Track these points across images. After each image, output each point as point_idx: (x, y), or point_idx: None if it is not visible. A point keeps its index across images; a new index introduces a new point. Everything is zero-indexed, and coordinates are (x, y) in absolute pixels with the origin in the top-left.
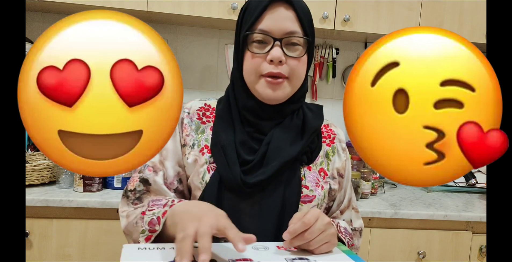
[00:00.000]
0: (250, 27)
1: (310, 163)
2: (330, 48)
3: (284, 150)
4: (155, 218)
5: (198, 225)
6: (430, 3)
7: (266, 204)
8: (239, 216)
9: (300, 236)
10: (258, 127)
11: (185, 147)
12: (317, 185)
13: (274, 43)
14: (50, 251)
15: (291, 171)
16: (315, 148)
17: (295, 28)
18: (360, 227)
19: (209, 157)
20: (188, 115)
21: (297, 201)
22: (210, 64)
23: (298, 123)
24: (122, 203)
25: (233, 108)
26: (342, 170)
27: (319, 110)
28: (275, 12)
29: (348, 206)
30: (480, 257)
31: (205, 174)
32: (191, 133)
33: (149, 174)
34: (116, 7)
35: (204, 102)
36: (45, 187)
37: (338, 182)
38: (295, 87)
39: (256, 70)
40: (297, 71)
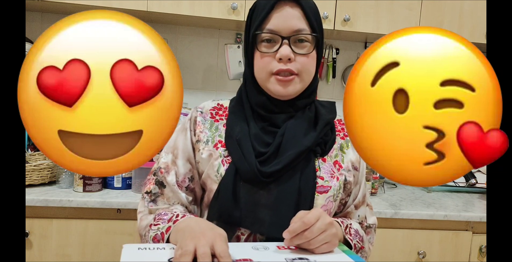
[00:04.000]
0: (258, 27)
1: (324, 154)
2: (330, 48)
3: (299, 140)
4: (159, 234)
5: (197, 243)
6: (430, 3)
7: (282, 194)
8: (255, 207)
9: (300, 235)
10: (272, 121)
11: (199, 143)
12: (332, 176)
13: (282, 41)
14: (50, 251)
15: (306, 161)
16: (329, 140)
17: (302, 25)
18: (374, 224)
19: (223, 151)
20: (201, 114)
21: (312, 191)
22: (210, 64)
23: (311, 115)
24: (140, 204)
25: (246, 105)
26: (356, 163)
27: (331, 106)
28: (281, 11)
29: (363, 202)
30: (480, 257)
31: (220, 167)
32: (204, 130)
33: (162, 176)
34: (116, 7)
35: (217, 103)
36: (45, 187)
37: (353, 175)
38: (305, 82)
39: (266, 69)
40: (307, 67)
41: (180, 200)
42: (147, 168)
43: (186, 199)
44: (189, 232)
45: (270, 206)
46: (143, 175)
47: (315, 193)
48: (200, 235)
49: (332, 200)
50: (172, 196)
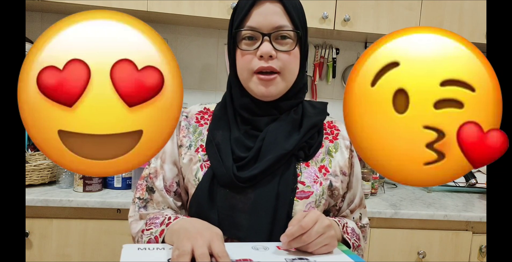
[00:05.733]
0: (239, 25)
1: (308, 159)
2: (330, 48)
3: (279, 144)
4: (152, 238)
5: (194, 243)
6: (430, 3)
7: (259, 199)
8: (232, 212)
9: (298, 239)
10: (254, 124)
11: (181, 148)
12: (315, 181)
13: (263, 38)
14: (50, 251)
15: (286, 166)
16: (314, 143)
17: (283, 22)
18: (367, 223)
19: (203, 155)
20: (186, 118)
21: (291, 196)
22: (210, 64)
23: (296, 118)
24: (131, 209)
25: (229, 108)
26: (345, 168)
27: (323, 106)
28: (262, 7)
29: (359, 205)
30: (480, 257)
31: (198, 171)
32: (188, 135)
33: (151, 181)
34: (116, 7)
35: (204, 107)
36: (45, 187)
37: (341, 180)
38: (289, 82)
39: (248, 67)
40: (289, 65)
41: (169, 204)
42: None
43: (175, 204)
44: (185, 233)
45: (247, 211)
46: None
47: (295, 199)
48: (197, 235)
49: (313, 205)
50: (162, 201)
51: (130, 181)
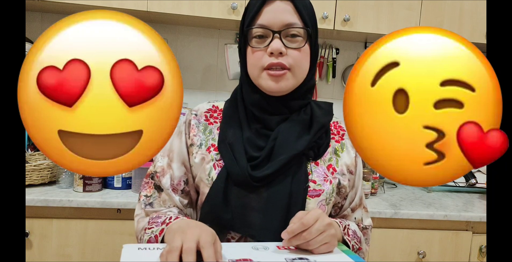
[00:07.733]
0: (250, 23)
1: (317, 158)
2: (330, 48)
3: (291, 144)
4: (153, 237)
5: (184, 238)
6: (430, 3)
7: (272, 198)
8: (246, 211)
9: (299, 236)
10: (265, 123)
11: (192, 147)
12: (325, 179)
13: (273, 36)
14: (50, 251)
15: (297, 165)
16: (323, 143)
17: (293, 20)
18: (370, 225)
19: (215, 154)
20: (196, 116)
21: (304, 195)
22: (210, 64)
23: (306, 118)
24: (137, 207)
25: (240, 106)
26: (352, 167)
27: (328, 107)
28: (272, 5)
29: (359, 204)
30: (480, 257)
31: (211, 171)
32: (198, 134)
33: (158, 179)
34: (116, 7)
35: (212, 104)
36: (45, 187)
37: (348, 179)
38: (299, 78)
39: (258, 64)
40: (299, 62)
41: (175, 203)
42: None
43: (181, 203)
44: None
45: (260, 210)
46: (143, 175)
47: (307, 197)
48: (188, 231)
49: (324, 203)
50: (168, 199)
51: (130, 181)
